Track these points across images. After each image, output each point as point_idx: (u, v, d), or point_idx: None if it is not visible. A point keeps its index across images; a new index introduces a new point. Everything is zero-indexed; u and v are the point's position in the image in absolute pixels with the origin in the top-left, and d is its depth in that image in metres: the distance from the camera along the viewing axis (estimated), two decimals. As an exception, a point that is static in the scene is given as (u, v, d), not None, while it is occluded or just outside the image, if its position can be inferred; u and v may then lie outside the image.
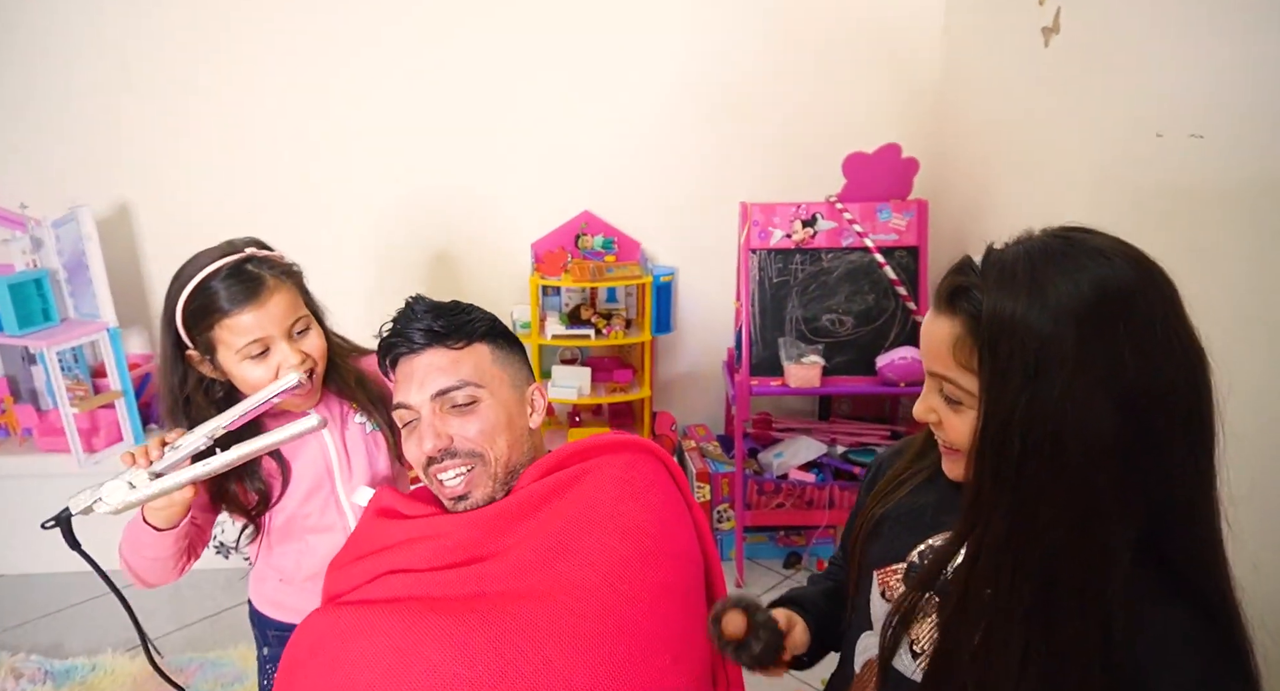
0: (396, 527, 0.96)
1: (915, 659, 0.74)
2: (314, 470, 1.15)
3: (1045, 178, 1.95)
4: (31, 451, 2.45)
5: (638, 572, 0.85)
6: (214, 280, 1.03)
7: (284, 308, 1.06)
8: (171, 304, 1.06)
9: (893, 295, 2.34)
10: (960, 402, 0.69)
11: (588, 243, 2.62)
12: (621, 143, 2.64)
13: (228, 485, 1.09)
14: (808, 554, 2.43)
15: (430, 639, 0.80)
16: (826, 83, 2.59)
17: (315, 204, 2.64)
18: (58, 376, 2.28)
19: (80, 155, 2.58)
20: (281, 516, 1.15)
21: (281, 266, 1.10)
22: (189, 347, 1.07)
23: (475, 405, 0.93)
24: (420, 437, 0.93)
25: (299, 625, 0.90)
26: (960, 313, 0.67)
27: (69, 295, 2.46)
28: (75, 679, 1.97)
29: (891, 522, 0.82)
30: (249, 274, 1.04)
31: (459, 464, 0.92)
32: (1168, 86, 1.50)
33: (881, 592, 0.80)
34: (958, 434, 0.71)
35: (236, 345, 1.04)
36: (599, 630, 0.80)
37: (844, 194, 2.33)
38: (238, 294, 1.02)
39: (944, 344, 0.68)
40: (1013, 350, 0.63)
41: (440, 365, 0.93)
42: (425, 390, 0.92)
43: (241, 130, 2.59)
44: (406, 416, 0.95)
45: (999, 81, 2.22)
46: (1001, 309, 0.64)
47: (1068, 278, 0.63)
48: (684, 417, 2.85)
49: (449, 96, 2.59)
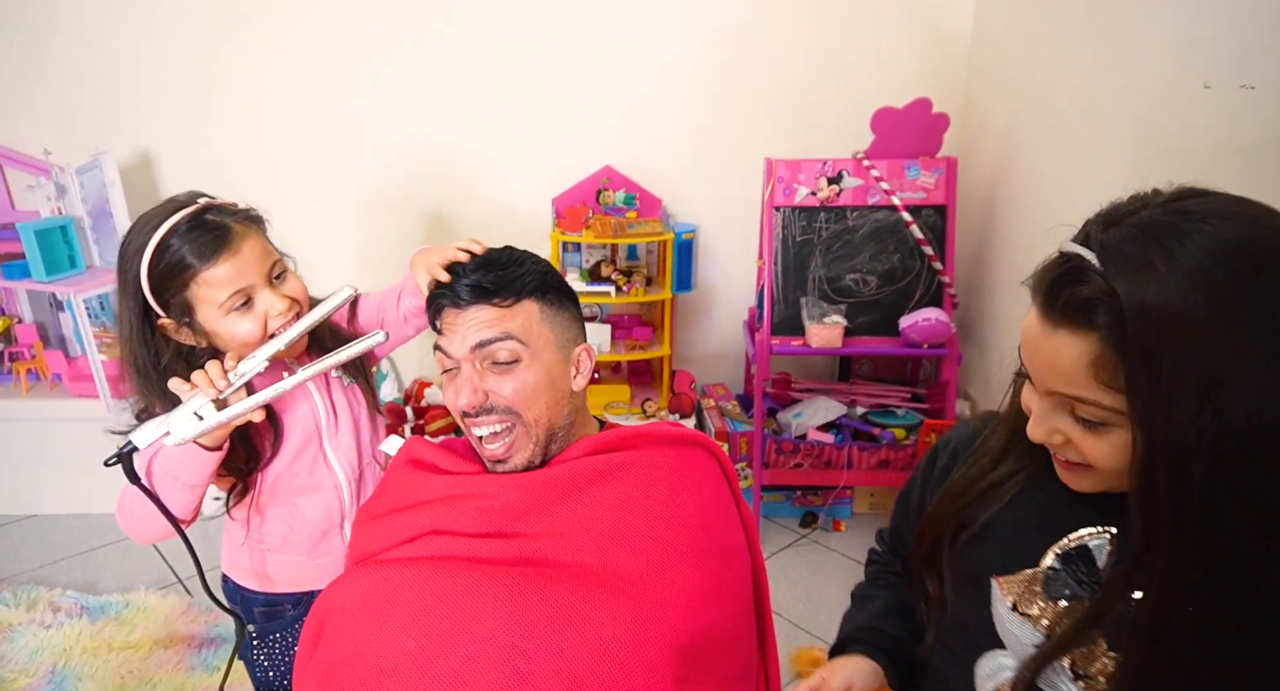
0: (436, 482, 0.93)
1: (1076, 680, 0.66)
2: (303, 427, 1.11)
3: (1081, 134, 1.89)
4: (62, 396, 2.51)
5: (693, 566, 0.83)
6: (174, 236, 0.97)
7: (258, 253, 1.01)
8: (131, 272, 0.98)
9: (919, 255, 2.30)
10: (1104, 424, 0.60)
11: (609, 198, 2.59)
12: (644, 96, 2.59)
13: (235, 446, 1.05)
14: (824, 513, 2.44)
15: (484, 606, 0.77)
16: (855, 35, 2.51)
17: (336, 155, 2.62)
18: (85, 323, 2.31)
19: (102, 102, 2.58)
20: (269, 477, 1.11)
21: (242, 212, 1.04)
22: (160, 316, 1.00)
23: (515, 365, 0.90)
24: (457, 391, 0.90)
25: (333, 583, 0.87)
26: (1095, 327, 0.58)
27: (94, 243, 2.48)
28: (110, 614, 2.04)
29: (1005, 526, 0.72)
30: (212, 224, 0.99)
31: (495, 420, 0.90)
32: (1216, 34, 1.43)
33: (1013, 605, 0.69)
34: (1100, 456, 0.62)
35: (218, 300, 0.99)
36: (653, 618, 0.78)
37: (871, 150, 2.27)
38: (206, 246, 0.97)
39: (1077, 364, 0.59)
40: (1179, 364, 0.54)
41: (485, 320, 0.90)
42: (466, 342, 0.89)
43: (262, 80, 2.56)
44: (446, 363, 0.93)
45: (1033, 32, 2.14)
46: (1153, 317, 0.55)
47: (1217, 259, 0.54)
48: (703, 376, 2.84)
49: (470, 50, 2.54)
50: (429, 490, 0.92)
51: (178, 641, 1.94)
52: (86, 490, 2.55)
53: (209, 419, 0.89)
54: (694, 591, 0.82)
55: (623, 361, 2.74)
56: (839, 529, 2.43)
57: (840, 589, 2.15)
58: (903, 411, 2.47)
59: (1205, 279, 0.54)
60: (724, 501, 0.93)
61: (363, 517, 0.96)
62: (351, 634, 0.81)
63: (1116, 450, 0.60)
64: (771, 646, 0.96)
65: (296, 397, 1.10)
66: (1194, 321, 0.54)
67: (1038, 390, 0.64)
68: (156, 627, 1.99)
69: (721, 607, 0.84)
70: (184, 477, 0.98)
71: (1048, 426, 0.64)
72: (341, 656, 0.81)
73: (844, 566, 2.26)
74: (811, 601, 2.10)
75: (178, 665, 1.87)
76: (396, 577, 0.83)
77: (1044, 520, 0.70)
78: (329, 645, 0.83)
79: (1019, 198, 2.23)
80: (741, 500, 0.97)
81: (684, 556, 0.83)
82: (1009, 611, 0.69)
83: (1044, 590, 0.67)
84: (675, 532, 0.85)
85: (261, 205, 1.11)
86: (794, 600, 2.11)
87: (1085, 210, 0.65)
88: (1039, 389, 0.64)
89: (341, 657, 0.81)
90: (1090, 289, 0.58)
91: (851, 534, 2.41)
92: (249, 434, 1.05)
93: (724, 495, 0.94)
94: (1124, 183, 0.66)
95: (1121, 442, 0.59)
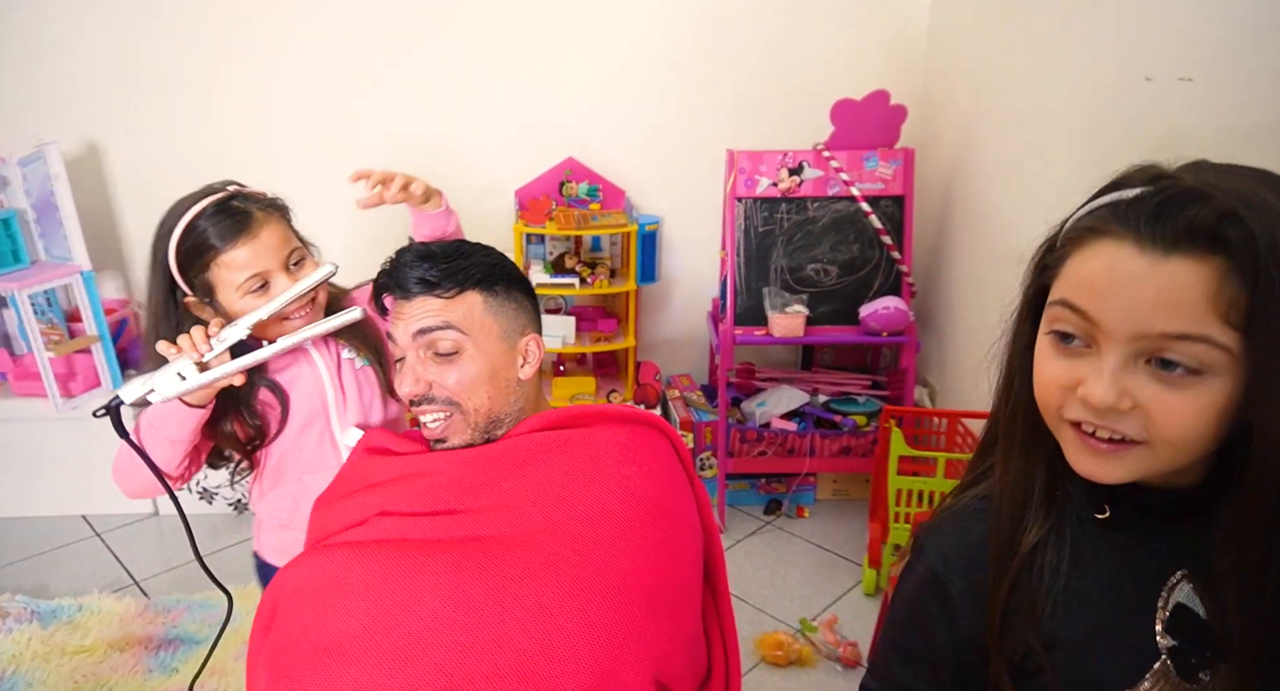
0: (387, 464, 0.96)
1: None
2: (309, 404, 1.14)
3: (1034, 126, 1.93)
4: (7, 396, 2.42)
5: (639, 533, 0.85)
6: (201, 219, 1.03)
7: (277, 240, 1.07)
8: (161, 250, 1.05)
9: (878, 245, 2.33)
10: (1198, 373, 0.53)
11: (572, 190, 2.58)
12: (607, 88, 2.58)
13: (223, 421, 1.09)
14: (788, 500, 2.47)
15: (427, 584, 0.80)
16: (814, 28, 2.53)
17: (289, 149, 2.57)
18: (30, 320, 2.24)
19: (47, 92, 2.48)
20: (276, 454, 1.15)
21: (267, 201, 1.10)
22: (186, 294, 1.07)
23: (457, 356, 0.92)
24: (402, 379, 0.94)
25: (284, 567, 0.89)
26: (1220, 252, 0.51)
27: (39, 236, 2.40)
28: (62, 618, 1.98)
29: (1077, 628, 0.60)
30: (236, 209, 1.05)
31: (436, 409, 0.93)
32: (1156, 28, 1.48)
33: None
34: (1174, 419, 0.54)
35: (236, 282, 1.05)
36: (597, 584, 0.80)
37: (831, 142, 2.30)
38: (228, 229, 1.03)
39: (1193, 294, 0.52)
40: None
41: (428, 310, 0.93)
42: (409, 329, 0.93)
43: (212, 72, 2.50)
44: (396, 351, 0.96)
45: (988, 26, 2.18)
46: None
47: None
48: (668, 367, 2.86)
49: (430, 42, 2.50)
50: (380, 472, 0.95)
51: (134, 644, 1.90)
52: (35, 492, 2.47)
53: (191, 379, 0.95)
54: (638, 554, 0.84)
55: (588, 353, 2.74)
56: (803, 515, 2.46)
57: (804, 574, 2.20)
58: (864, 399, 2.51)
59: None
60: (676, 476, 0.95)
61: (318, 504, 0.98)
62: (299, 616, 0.83)
63: (1199, 409, 0.53)
64: (728, 617, 0.97)
65: (302, 374, 1.14)
66: None
67: (1117, 340, 0.55)
68: (111, 631, 1.94)
69: (669, 571, 0.86)
70: (165, 432, 1.02)
71: (1120, 387, 0.55)
72: (289, 639, 0.83)
73: (808, 552, 2.29)
74: (776, 587, 2.14)
75: (134, 668, 1.83)
76: (343, 560, 0.85)
77: (1119, 595, 0.59)
78: (279, 628, 0.85)
79: (975, 188, 2.28)
80: (695, 477, 0.99)
81: (630, 524, 0.85)
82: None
83: (1181, 677, 0.57)
84: (622, 502, 0.86)
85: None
86: (759, 585, 2.14)
87: (1039, 201, 0.66)
88: (1121, 337, 0.55)
89: (289, 640, 0.83)
90: (1212, 212, 0.52)
91: (815, 520, 2.44)
92: (257, 409, 1.10)
93: (676, 471, 0.96)
94: (1076, 173, 0.67)
95: (1208, 400, 0.53)
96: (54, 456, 2.44)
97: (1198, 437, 0.55)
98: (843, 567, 2.22)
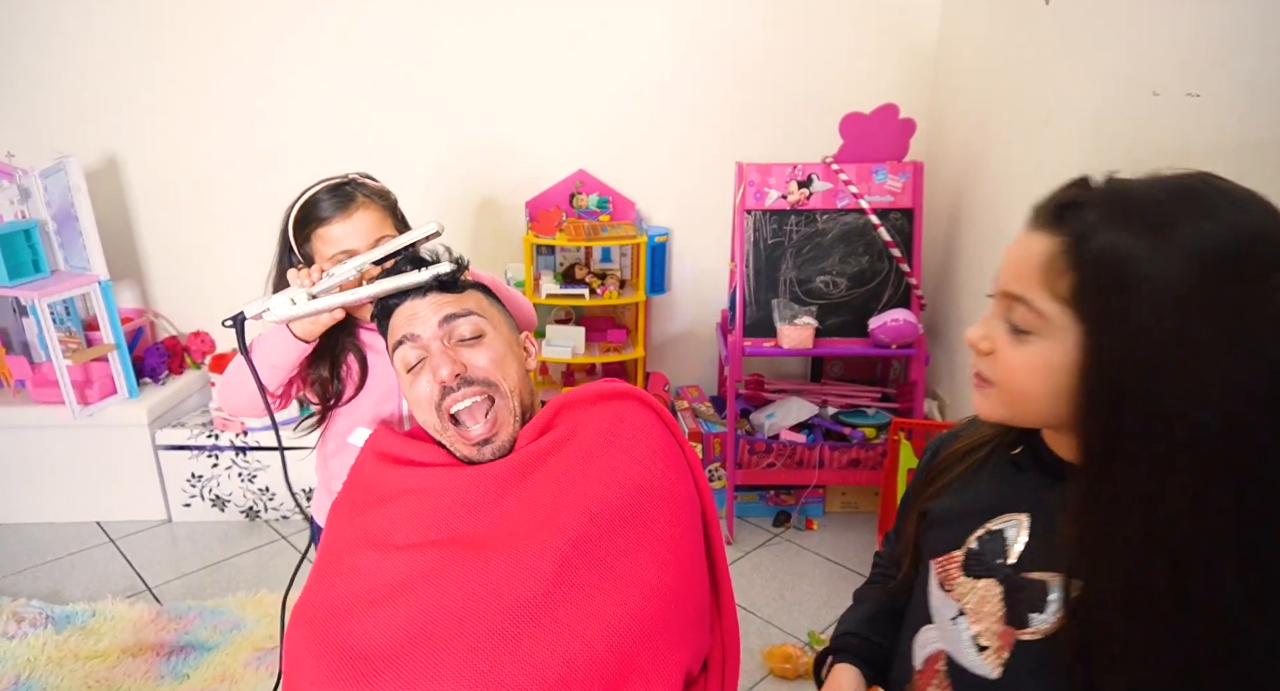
0: (395, 476, 0.96)
1: (981, 652, 0.69)
2: (389, 381, 1.19)
3: (1041, 140, 1.94)
4: (26, 403, 2.46)
5: (631, 523, 0.85)
6: (315, 193, 1.17)
7: (370, 224, 1.16)
8: (286, 219, 1.18)
9: (887, 258, 2.34)
10: (1029, 332, 0.62)
11: (582, 201, 2.60)
12: (617, 101, 2.61)
13: (321, 368, 1.18)
14: (797, 513, 2.47)
15: (440, 586, 0.81)
16: (824, 42, 2.55)
17: (305, 161, 2.60)
18: (50, 328, 2.28)
19: (68, 106, 2.54)
20: (347, 421, 1.22)
21: (376, 189, 1.21)
22: (298, 262, 1.18)
23: (482, 338, 0.96)
24: (434, 368, 0.93)
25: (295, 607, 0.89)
26: (1064, 232, 0.59)
27: (59, 247, 2.44)
28: (76, 623, 2.00)
29: (946, 509, 0.77)
30: (344, 190, 1.17)
31: (475, 392, 0.93)
32: (1165, 44, 1.48)
33: (940, 583, 0.74)
34: (1011, 369, 0.64)
35: (326, 254, 1.14)
36: (592, 578, 0.81)
37: (840, 155, 2.31)
38: (331, 205, 1.15)
39: (1034, 260, 0.60)
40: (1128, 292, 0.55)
41: (446, 301, 0.97)
42: (434, 318, 0.95)
43: (230, 85, 2.54)
44: (412, 355, 0.95)
45: (997, 41, 2.19)
46: (1119, 240, 0.56)
47: (1202, 219, 0.55)
48: (677, 378, 2.86)
49: (445, 56, 2.54)
50: (389, 484, 0.96)
51: (146, 650, 1.92)
52: (51, 499, 2.50)
53: (300, 305, 1.05)
54: (642, 542, 0.84)
55: (597, 363, 2.75)
56: (812, 528, 2.46)
57: (813, 586, 2.19)
58: (873, 411, 2.51)
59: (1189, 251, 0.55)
60: (665, 449, 0.94)
61: (336, 509, 0.99)
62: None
63: (1024, 364, 0.62)
64: (725, 584, 0.97)
65: (384, 354, 1.16)
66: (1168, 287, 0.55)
67: (996, 295, 0.66)
68: (124, 636, 1.96)
69: (669, 556, 0.86)
70: (270, 357, 1.12)
71: (985, 331, 0.66)
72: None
73: (817, 565, 2.29)
74: (785, 599, 2.13)
75: (146, 673, 1.84)
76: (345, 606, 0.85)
77: (976, 506, 0.73)
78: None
79: (983, 202, 2.28)
80: (684, 441, 0.98)
81: (624, 512, 0.85)
82: (937, 589, 0.75)
83: (963, 570, 0.72)
84: (619, 491, 0.87)
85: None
86: (768, 598, 2.13)
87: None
88: (996, 291, 0.66)
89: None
90: (1079, 196, 0.60)
91: (824, 532, 2.44)
92: (339, 372, 1.20)
93: (665, 443, 0.95)
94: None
95: (1033, 359, 0.62)
96: (70, 463, 2.47)
97: (1026, 390, 0.64)
98: (852, 581, 2.21)
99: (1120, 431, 0.58)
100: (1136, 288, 0.55)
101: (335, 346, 1.18)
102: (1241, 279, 0.54)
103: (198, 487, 2.50)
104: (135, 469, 2.48)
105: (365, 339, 1.22)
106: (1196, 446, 0.55)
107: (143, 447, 2.46)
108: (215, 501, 2.51)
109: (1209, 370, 0.55)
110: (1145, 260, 0.55)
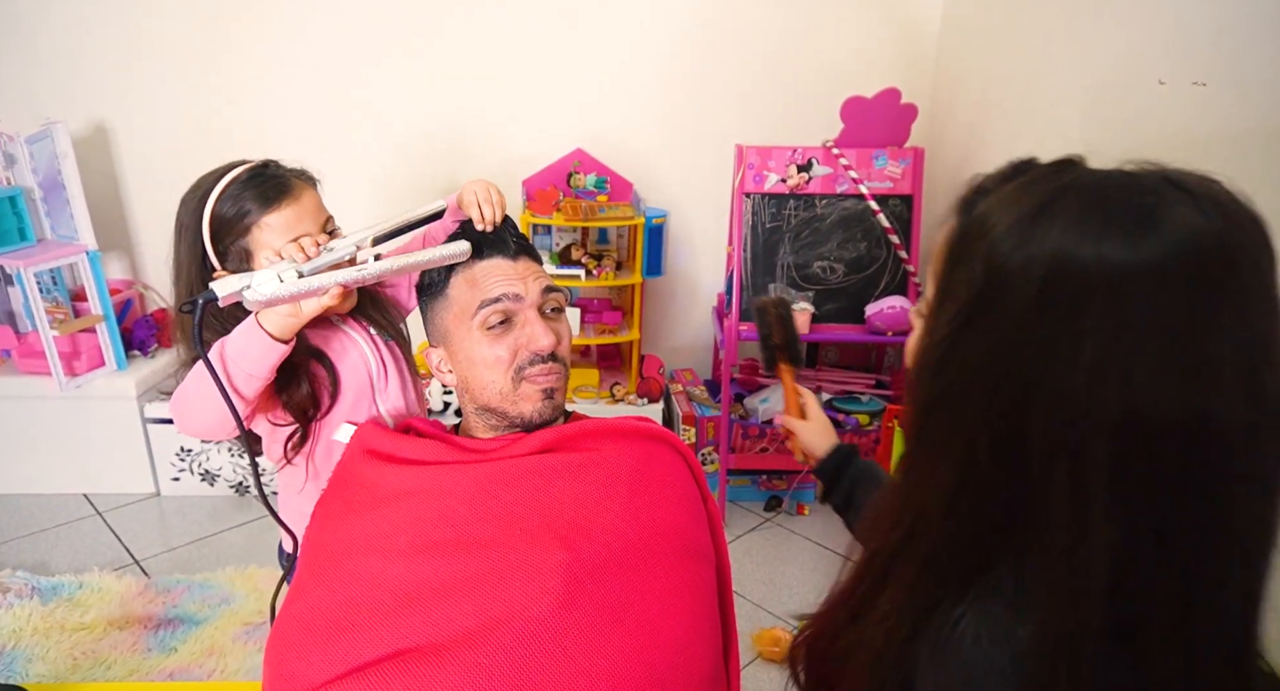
0: (393, 476, 0.90)
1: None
2: (358, 378, 1.12)
3: (1044, 127, 1.93)
4: (12, 373, 2.43)
5: (650, 566, 0.82)
6: (236, 185, 1.03)
7: (315, 205, 1.07)
8: (194, 220, 1.03)
9: (885, 244, 2.33)
10: (921, 315, 0.60)
11: (580, 181, 2.57)
12: (617, 79, 2.58)
13: (300, 382, 1.05)
14: (788, 498, 2.47)
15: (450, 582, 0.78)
16: (826, 24, 2.52)
17: (297, 134, 2.56)
18: (36, 298, 2.24)
19: (56, 72, 2.48)
20: (328, 433, 1.13)
21: (299, 171, 1.11)
22: (215, 268, 1.04)
23: (562, 314, 0.96)
24: (533, 336, 0.91)
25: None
26: (957, 215, 0.57)
27: (45, 215, 2.40)
28: (63, 595, 1.99)
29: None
30: (273, 175, 1.05)
31: (558, 368, 0.94)
32: (1171, 33, 1.47)
33: None
34: (909, 348, 0.62)
35: (278, 245, 1.02)
36: (603, 614, 0.77)
37: (841, 139, 2.29)
38: (268, 192, 1.03)
39: (935, 248, 0.59)
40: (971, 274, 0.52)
41: (536, 271, 0.96)
42: (536, 285, 0.94)
43: (222, 53, 2.49)
44: (497, 314, 0.91)
45: (999, 27, 2.17)
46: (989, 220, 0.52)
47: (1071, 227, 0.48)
48: (672, 361, 2.85)
49: (441, 31, 2.50)
50: (386, 483, 0.90)
51: (133, 622, 1.91)
52: (38, 470, 2.48)
53: (289, 283, 0.89)
54: (657, 588, 0.80)
55: (592, 345, 2.73)
56: (803, 513, 2.46)
57: (803, 571, 2.20)
58: (867, 398, 2.51)
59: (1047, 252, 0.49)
60: (690, 499, 0.92)
61: (321, 513, 0.93)
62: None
63: (908, 349, 0.62)
64: (734, 647, 0.94)
65: (348, 347, 1.12)
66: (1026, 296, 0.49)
67: None
68: (111, 609, 1.95)
69: (684, 605, 0.83)
70: (245, 364, 0.95)
71: (914, 311, 0.64)
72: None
73: (808, 550, 2.30)
74: (775, 584, 2.14)
75: (133, 646, 1.84)
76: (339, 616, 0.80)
77: None
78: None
79: (984, 189, 2.26)
80: (709, 495, 0.96)
81: (644, 553, 0.82)
82: None
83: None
84: (640, 531, 0.83)
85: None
86: (758, 582, 2.14)
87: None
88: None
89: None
90: (988, 183, 0.57)
91: (815, 518, 2.44)
92: (311, 384, 1.07)
93: (690, 493, 0.93)
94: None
95: (911, 342, 0.61)
96: (57, 435, 2.44)
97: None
98: (841, 566, 2.21)
99: (915, 408, 0.57)
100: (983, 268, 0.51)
101: (294, 353, 1.01)
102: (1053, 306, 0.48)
103: (187, 461, 2.48)
104: (123, 442, 2.46)
105: (317, 338, 1.09)
106: (964, 434, 0.53)
107: (131, 420, 2.44)
108: (205, 476, 2.50)
109: (984, 378, 0.52)
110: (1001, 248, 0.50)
